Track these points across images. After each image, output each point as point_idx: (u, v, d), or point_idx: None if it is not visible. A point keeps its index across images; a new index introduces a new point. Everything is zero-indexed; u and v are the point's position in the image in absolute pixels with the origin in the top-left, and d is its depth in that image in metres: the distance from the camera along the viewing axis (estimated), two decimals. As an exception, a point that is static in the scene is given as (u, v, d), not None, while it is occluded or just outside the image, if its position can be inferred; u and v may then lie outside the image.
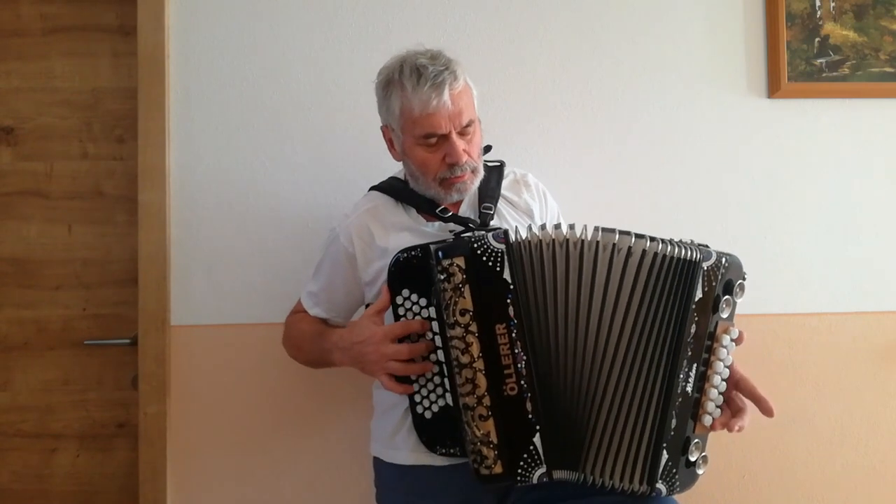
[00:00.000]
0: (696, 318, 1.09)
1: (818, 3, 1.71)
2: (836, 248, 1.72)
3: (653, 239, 1.10)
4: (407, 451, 1.27)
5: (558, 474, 1.11)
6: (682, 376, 1.09)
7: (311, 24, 1.68)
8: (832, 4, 1.71)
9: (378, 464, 1.36)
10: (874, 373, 1.71)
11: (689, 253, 1.09)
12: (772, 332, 1.69)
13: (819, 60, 1.70)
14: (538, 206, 1.41)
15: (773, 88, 1.70)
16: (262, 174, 1.66)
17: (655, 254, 1.09)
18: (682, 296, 1.08)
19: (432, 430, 1.17)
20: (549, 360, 1.11)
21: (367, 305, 1.38)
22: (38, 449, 1.72)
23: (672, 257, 1.09)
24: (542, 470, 1.09)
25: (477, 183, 1.30)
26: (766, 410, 1.11)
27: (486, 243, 1.09)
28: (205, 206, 1.66)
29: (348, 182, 1.66)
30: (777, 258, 1.71)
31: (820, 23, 1.71)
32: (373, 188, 1.40)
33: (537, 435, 1.09)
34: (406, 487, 1.29)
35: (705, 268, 1.08)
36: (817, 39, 1.71)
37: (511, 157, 1.49)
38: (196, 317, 1.65)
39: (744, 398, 1.14)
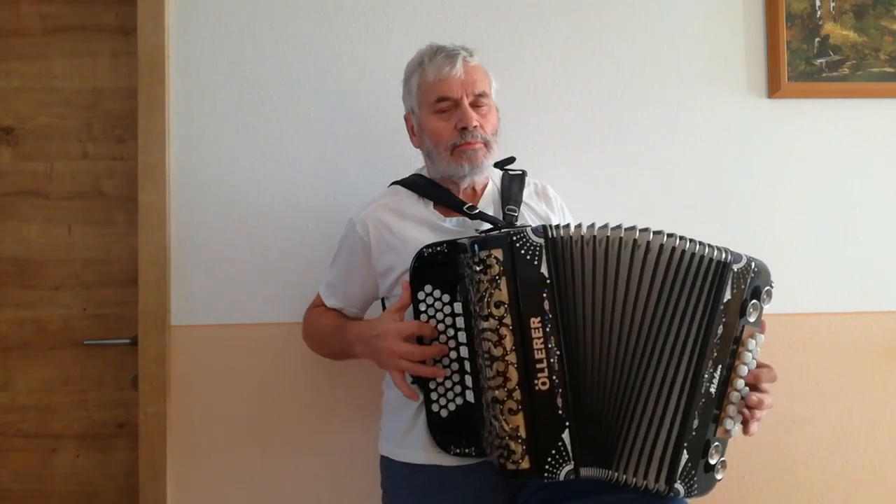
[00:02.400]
0: (724, 320, 1.09)
1: (818, 3, 1.71)
2: (836, 248, 1.72)
3: (684, 238, 1.10)
4: (419, 450, 1.25)
5: (586, 472, 1.09)
6: (706, 376, 1.08)
7: (311, 24, 1.68)
8: (832, 4, 1.71)
9: (387, 463, 1.34)
10: (874, 373, 1.71)
11: (720, 254, 1.10)
12: (772, 332, 1.64)
13: (819, 60, 1.70)
14: (557, 219, 1.41)
15: (773, 88, 1.70)
16: (262, 174, 1.66)
17: (691, 253, 1.09)
18: (711, 296, 1.09)
19: (446, 430, 1.16)
20: (579, 356, 1.11)
21: (383, 299, 1.38)
22: (38, 449, 1.72)
23: (703, 257, 1.09)
24: (570, 467, 1.08)
25: (490, 160, 1.31)
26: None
27: (525, 236, 1.09)
28: (205, 206, 1.66)
29: (348, 182, 1.66)
30: (777, 258, 1.69)
31: (820, 23, 1.71)
32: (395, 183, 1.40)
33: (566, 431, 1.08)
34: (416, 487, 1.26)
35: (735, 270, 1.09)
36: (817, 39, 1.70)
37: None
38: (196, 317, 1.65)
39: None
